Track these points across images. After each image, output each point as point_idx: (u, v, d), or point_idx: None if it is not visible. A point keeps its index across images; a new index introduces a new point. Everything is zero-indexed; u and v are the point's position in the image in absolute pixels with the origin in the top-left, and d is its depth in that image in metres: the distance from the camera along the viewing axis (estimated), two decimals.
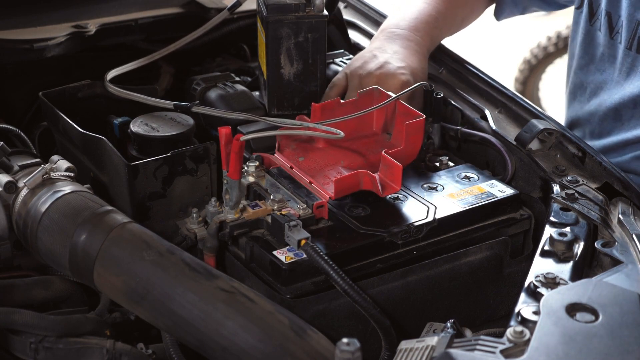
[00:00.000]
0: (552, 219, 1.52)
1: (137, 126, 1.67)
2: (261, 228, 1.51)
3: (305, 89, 1.79)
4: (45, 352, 1.38)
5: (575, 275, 1.37)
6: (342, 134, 1.56)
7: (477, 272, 1.58)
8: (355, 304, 1.36)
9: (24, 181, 1.46)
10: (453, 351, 1.12)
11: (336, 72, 1.95)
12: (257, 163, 1.62)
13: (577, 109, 2.10)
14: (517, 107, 1.82)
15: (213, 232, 1.50)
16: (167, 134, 1.65)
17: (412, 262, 1.52)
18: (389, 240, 1.50)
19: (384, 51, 1.86)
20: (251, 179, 1.60)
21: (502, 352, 1.13)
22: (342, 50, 2.07)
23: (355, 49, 2.13)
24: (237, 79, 1.90)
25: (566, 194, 1.58)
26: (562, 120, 2.02)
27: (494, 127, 1.78)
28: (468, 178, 1.67)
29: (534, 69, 4.55)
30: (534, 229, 1.64)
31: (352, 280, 1.37)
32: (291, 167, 1.62)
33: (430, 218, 1.54)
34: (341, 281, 1.36)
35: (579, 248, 1.44)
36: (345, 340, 1.08)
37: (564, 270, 1.38)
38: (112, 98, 1.75)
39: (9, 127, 1.72)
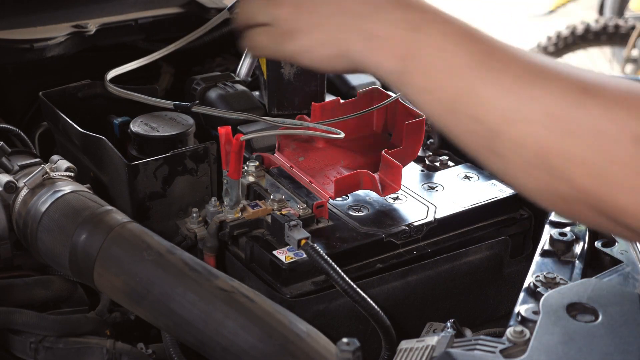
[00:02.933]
0: (552, 218, 1.52)
1: (137, 126, 1.67)
2: (261, 228, 1.51)
3: (305, 89, 1.79)
4: (45, 351, 1.38)
5: (575, 275, 1.37)
6: (342, 134, 1.56)
7: (477, 272, 1.58)
8: (355, 304, 1.36)
9: (24, 181, 1.46)
10: (453, 351, 1.12)
11: None
12: (257, 163, 1.62)
13: None
14: None
15: (213, 232, 1.50)
16: (167, 134, 1.65)
17: (412, 262, 1.52)
18: (389, 240, 1.51)
19: None
20: (251, 178, 1.60)
21: (502, 351, 1.13)
22: None
23: None
24: (237, 78, 1.90)
25: None
26: None
27: None
28: (468, 178, 1.67)
29: None
30: (534, 229, 1.64)
31: (352, 280, 1.37)
32: (291, 167, 1.62)
33: (430, 218, 1.54)
34: (341, 281, 1.36)
35: (579, 248, 1.44)
36: (345, 340, 1.08)
37: (564, 270, 1.38)
38: (112, 98, 1.75)
39: (9, 127, 1.72)
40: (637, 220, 0.93)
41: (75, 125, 1.64)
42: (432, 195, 1.61)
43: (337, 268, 1.37)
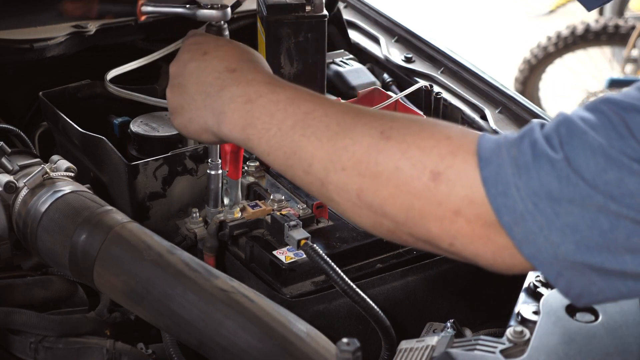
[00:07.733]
0: None
1: (137, 126, 1.67)
2: (261, 228, 1.51)
3: None
4: (45, 352, 1.38)
5: None
6: None
7: (477, 272, 1.57)
8: (355, 304, 1.36)
9: (24, 181, 1.46)
10: (453, 351, 1.12)
11: (336, 72, 1.95)
12: (257, 163, 1.62)
13: None
14: (517, 107, 1.82)
15: (213, 232, 1.50)
16: (167, 134, 1.65)
17: (412, 262, 1.52)
18: (389, 240, 1.50)
19: None
20: (251, 179, 1.60)
21: (502, 352, 1.13)
22: (342, 50, 2.07)
23: (355, 49, 2.13)
24: None
25: None
26: None
27: (494, 127, 1.77)
28: None
29: (534, 69, 4.55)
30: None
31: (352, 280, 1.37)
32: None
33: None
34: (341, 281, 1.36)
35: None
36: (345, 340, 1.08)
37: None
38: (112, 98, 1.75)
39: (9, 127, 1.72)
40: (448, 245, 1.02)
41: (75, 125, 1.64)
42: None
43: (337, 268, 1.37)
